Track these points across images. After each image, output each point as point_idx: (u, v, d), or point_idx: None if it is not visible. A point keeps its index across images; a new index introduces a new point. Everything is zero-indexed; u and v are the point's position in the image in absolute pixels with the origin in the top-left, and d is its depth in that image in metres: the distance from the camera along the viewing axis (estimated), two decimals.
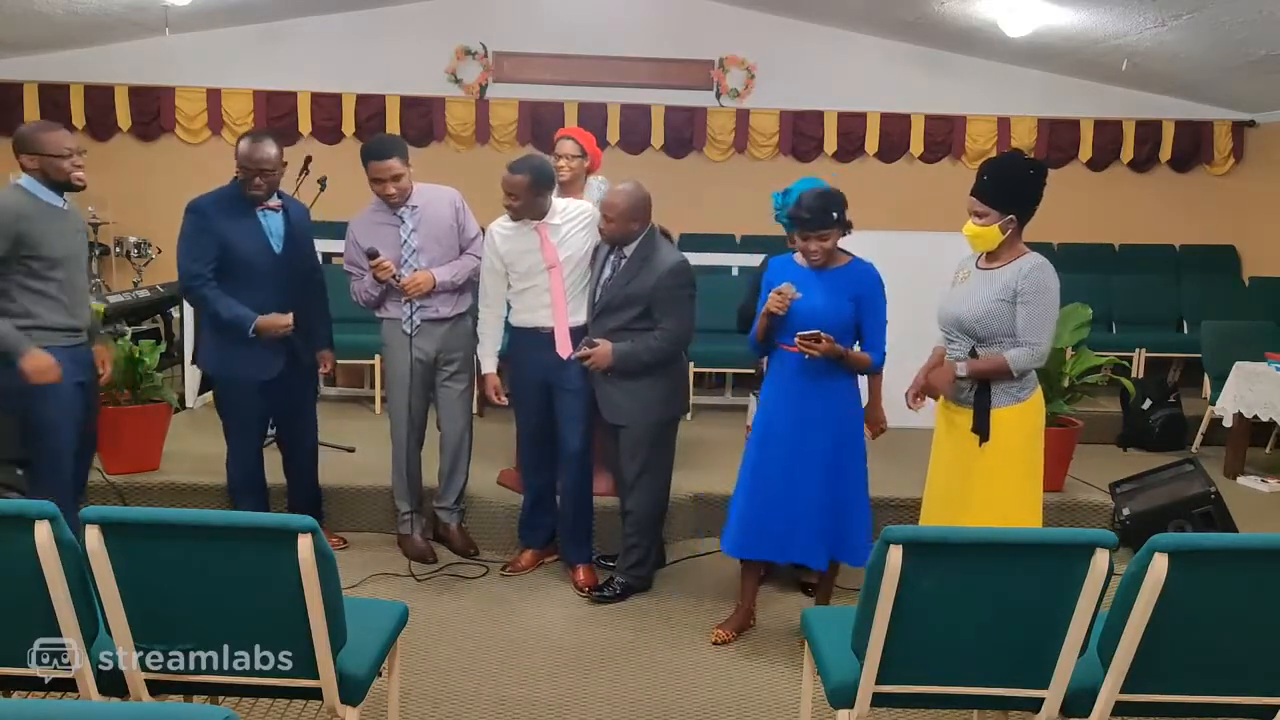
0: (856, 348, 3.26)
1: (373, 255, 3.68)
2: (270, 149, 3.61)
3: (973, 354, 3.05)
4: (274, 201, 3.72)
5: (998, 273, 3.02)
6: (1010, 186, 2.98)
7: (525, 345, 3.78)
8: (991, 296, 2.99)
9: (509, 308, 3.81)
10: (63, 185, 3.28)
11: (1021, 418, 3.05)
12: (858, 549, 3.30)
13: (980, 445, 3.03)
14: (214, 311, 3.66)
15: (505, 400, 3.85)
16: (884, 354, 3.29)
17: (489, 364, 3.84)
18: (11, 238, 3.17)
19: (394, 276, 3.71)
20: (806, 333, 3.10)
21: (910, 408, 3.30)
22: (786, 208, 3.44)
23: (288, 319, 3.64)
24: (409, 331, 3.80)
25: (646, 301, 3.55)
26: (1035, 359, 2.98)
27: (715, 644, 3.41)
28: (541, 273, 3.67)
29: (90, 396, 3.53)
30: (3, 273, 3.21)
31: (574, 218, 3.71)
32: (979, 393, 3.03)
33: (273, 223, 3.72)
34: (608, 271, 3.64)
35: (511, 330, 3.85)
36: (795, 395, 3.28)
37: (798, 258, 3.30)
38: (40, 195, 3.26)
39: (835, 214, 3.15)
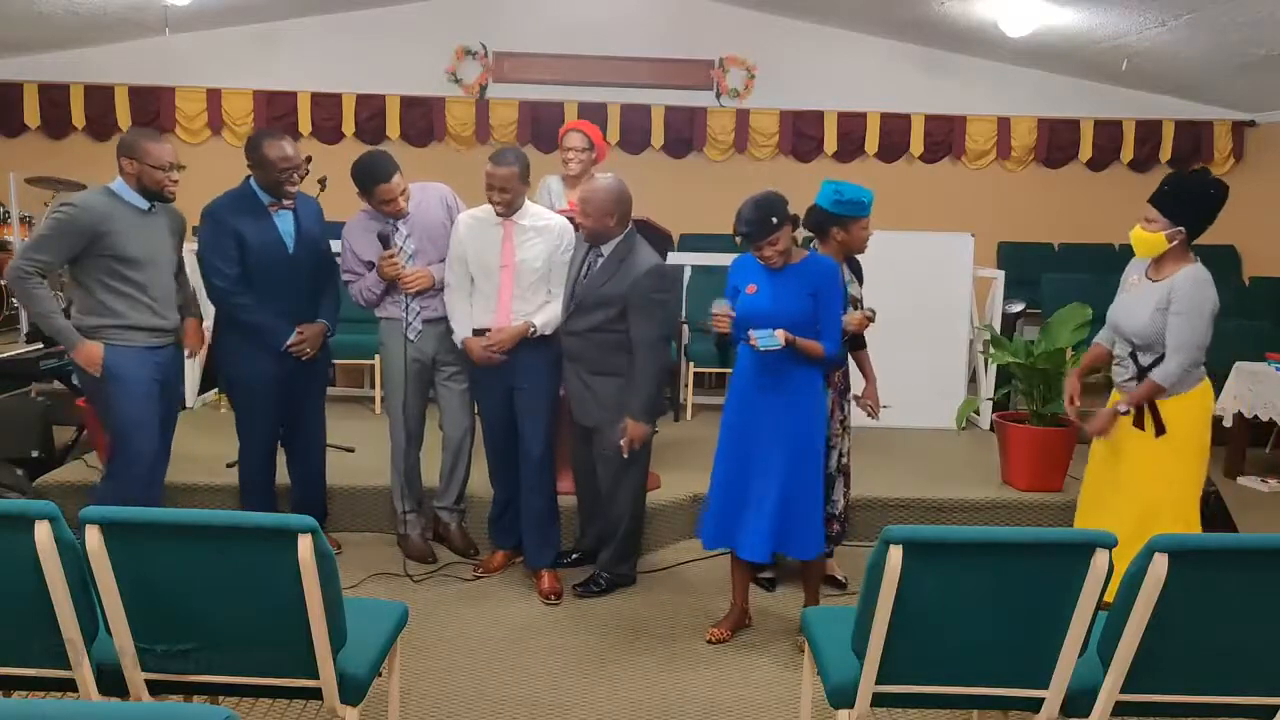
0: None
1: (385, 243, 3.68)
2: (294, 145, 3.68)
3: (1138, 367, 3.28)
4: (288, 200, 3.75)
5: (1160, 285, 3.20)
6: (1186, 200, 3.13)
7: None
8: (1151, 307, 3.19)
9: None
10: (155, 195, 3.42)
11: (1181, 406, 3.23)
12: (806, 543, 3.28)
13: (1156, 437, 3.23)
14: (249, 321, 3.65)
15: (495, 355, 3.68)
16: (839, 344, 3.30)
17: (464, 329, 3.68)
18: (87, 240, 3.32)
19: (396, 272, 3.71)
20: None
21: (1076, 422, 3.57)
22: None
23: (309, 343, 3.73)
24: (411, 337, 3.79)
25: (621, 304, 3.49)
26: (1182, 370, 3.16)
27: (710, 642, 3.40)
28: (496, 272, 3.62)
29: (170, 399, 3.60)
30: (85, 271, 3.38)
31: (539, 227, 3.64)
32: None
33: (285, 222, 3.72)
34: (584, 271, 3.60)
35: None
36: (753, 388, 3.27)
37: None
38: (126, 198, 3.41)
39: (775, 219, 3.14)
